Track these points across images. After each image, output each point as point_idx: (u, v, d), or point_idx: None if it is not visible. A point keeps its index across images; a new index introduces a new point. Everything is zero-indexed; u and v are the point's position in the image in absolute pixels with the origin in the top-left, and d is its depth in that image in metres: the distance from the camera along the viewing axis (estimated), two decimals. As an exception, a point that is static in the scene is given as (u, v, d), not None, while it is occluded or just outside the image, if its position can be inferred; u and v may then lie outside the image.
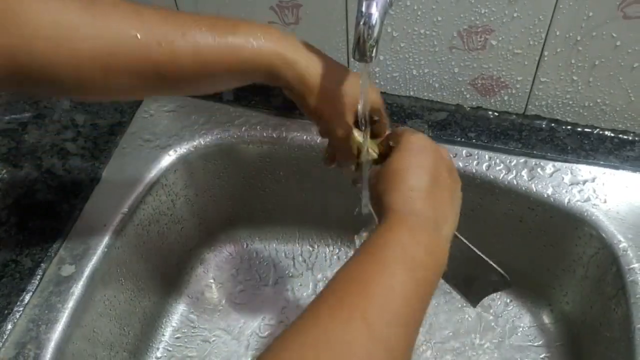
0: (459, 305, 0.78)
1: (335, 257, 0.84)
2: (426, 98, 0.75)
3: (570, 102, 0.69)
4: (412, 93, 0.75)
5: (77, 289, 0.62)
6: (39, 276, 0.63)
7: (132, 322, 0.72)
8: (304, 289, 0.81)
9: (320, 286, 0.81)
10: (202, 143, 0.74)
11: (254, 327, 0.78)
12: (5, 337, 0.59)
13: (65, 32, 0.45)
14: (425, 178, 0.47)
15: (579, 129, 0.71)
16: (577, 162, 0.68)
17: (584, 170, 0.67)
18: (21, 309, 0.61)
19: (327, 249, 0.84)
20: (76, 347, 0.62)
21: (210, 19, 0.50)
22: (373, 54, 0.47)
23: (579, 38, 0.63)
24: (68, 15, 0.45)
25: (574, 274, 0.71)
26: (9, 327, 0.60)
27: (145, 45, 0.47)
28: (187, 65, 0.49)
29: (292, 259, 0.84)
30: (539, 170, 0.68)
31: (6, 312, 0.61)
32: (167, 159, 0.73)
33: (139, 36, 0.47)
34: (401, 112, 0.74)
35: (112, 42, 0.46)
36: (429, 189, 0.46)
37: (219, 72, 0.50)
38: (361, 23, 0.46)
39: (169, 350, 0.77)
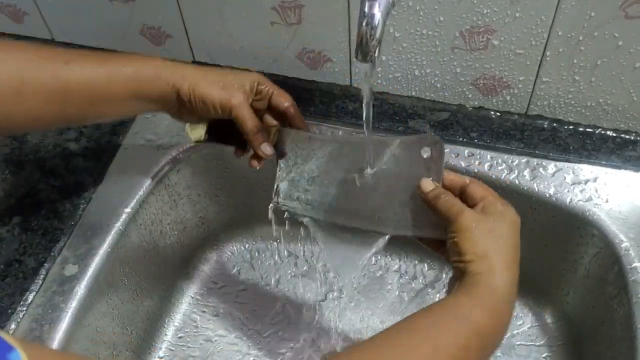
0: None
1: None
2: (428, 98, 0.75)
3: (573, 102, 0.69)
4: (414, 93, 0.75)
5: (80, 288, 0.63)
6: (42, 276, 0.63)
7: (135, 321, 0.72)
8: (306, 289, 0.81)
9: (325, 285, 0.81)
10: (204, 143, 0.74)
11: (257, 327, 0.78)
12: (8, 337, 0.59)
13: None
14: (517, 261, 0.52)
15: (581, 129, 0.71)
16: (579, 162, 0.68)
17: (586, 170, 0.67)
18: (24, 308, 0.61)
19: (329, 249, 0.85)
20: (79, 347, 0.62)
21: (100, 51, 0.61)
22: (376, 55, 0.47)
23: (581, 38, 0.63)
24: None
25: (575, 273, 0.71)
26: (13, 326, 0.60)
27: (55, 65, 0.54)
28: (90, 81, 0.56)
29: (295, 258, 0.84)
30: (541, 170, 0.68)
31: (10, 311, 0.61)
32: (169, 159, 0.73)
33: (48, 57, 0.55)
34: (403, 112, 0.75)
35: (24, 64, 0.53)
36: (515, 271, 0.51)
37: (115, 87, 0.57)
38: (364, 24, 0.47)
39: (172, 350, 0.77)
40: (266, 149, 0.61)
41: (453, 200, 0.52)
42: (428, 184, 0.55)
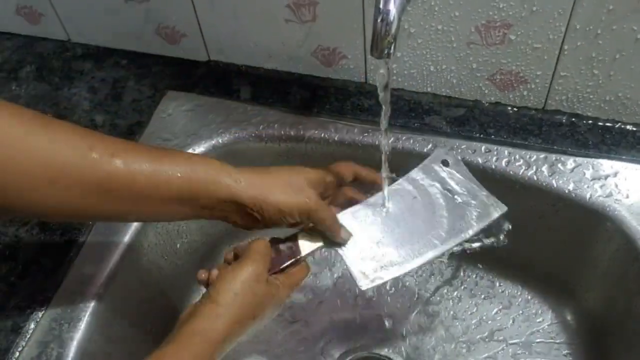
0: (481, 302, 0.77)
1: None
2: (444, 94, 0.74)
3: (591, 96, 0.68)
4: (429, 89, 0.74)
5: (99, 288, 0.63)
6: (60, 276, 0.64)
7: (153, 320, 0.73)
8: (317, 289, 0.81)
9: (339, 283, 0.81)
10: (220, 142, 0.74)
11: (272, 325, 0.78)
12: (28, 336, 0.60)
13: (15, 141, 0.46)
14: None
15: (600, 124, 0.70)
16: (599, 157, 0.67)
17: (606, 165, 0.66)
18: (43, 308, 0.62)
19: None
20: (97, 346, 0.62)
21: (150, 145, 0.55)
22: (391, 51, 0.47)
23: (599, 31, 0.62)
24: (19, 125, 0.46)
25: (595, 270, 0.70)
26: (32, 326, 0.61)
27: (98, 157, 0.49)
28: (135, 180, 0.50)
29: (312, 257, 0.84)
30: (559, 165, 0.67)
31: (29, 311, 0.62)
32: (186, 158, 0.73)
33: (92, 147, 0.49)
34: (419, 108, 0.74)
35: (64, 152, 0.48)
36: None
37: (165, 188, 0.51)
38: (379, 20, 0.46)
39: (189, 349, 0.77)
40: (346, 234, 0.59)
41: None
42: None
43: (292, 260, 0.57)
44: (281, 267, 0.57)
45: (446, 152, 0.66)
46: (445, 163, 0.64)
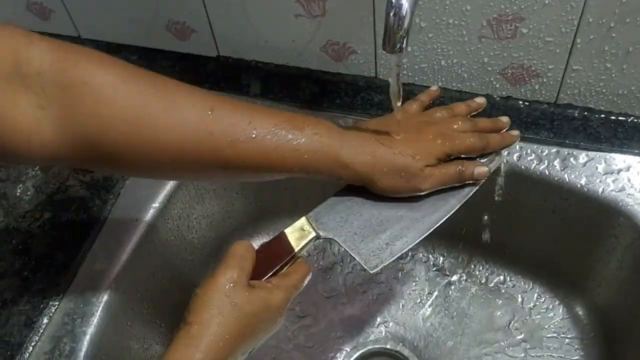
0: (492, 297, 0.77)
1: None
2: (455, 89, 0.74)
3: (604, 90, 0.68)
4: (440, 84, 0.74)
5: (111, 282, 0.63)
6: (73, 271, 0.64)
7: (164, 314, 0.73)
8: (332, 281, 0.81)
9: (349, 278, 0.81)
10: (231, 137, 0.74)
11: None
12: (41, 331, 0.60)
13: (144, 119, 0.46)
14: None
15: (613, 117, 0.70)
16: (611, 151, 0.67)
17: (618, 159, 0.66)
18: (56, 303, 0.62)
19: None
20: (110, 340, 0.63)
21: (277, 116, 0.51)
22: (403, 45, 0.47)
23: (612, 24, 0.61)
24: (143, 101, 0.46)
25: (608, 264, 0.70)
26: (45, 321, 0.61)
27: (217, 144, 0.48)
28: (252, 164, 0.50)
29: (322, 251, 0.84)
30: (571, 159, 0.66)
31: (42, 306, 0.62)
32: (196, 153, 0.73)
33: (213, 134, 0.48)
34: (429, 103, 0.74)
35: (187, 136, 0.47)
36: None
37: (281, 171, 0.52)
38: (391, 14, 0.46)
39: (201, 343, 0.78)
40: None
41: None
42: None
43: (286, 259, 0.53)
44: (275, 270, 0.52)
45: None
46: None
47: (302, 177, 0.54)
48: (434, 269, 0.80)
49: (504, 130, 0.62)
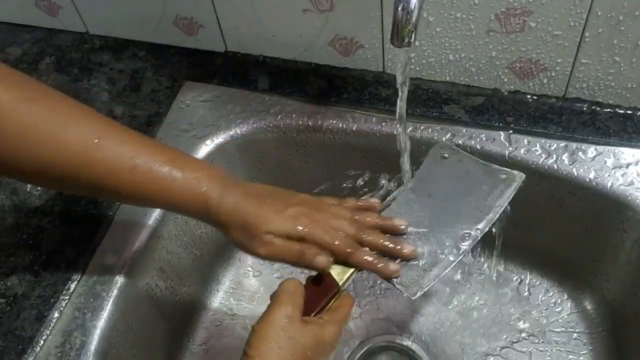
0: (500, 292, 0.77)
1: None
2: (463, 83, 0.74)
3: (612, 84, 0.68)
4: (448, 78, 0.74)
5: (120, 277, 0.64)
6: (83, 265, 0.65)
7: (173, 310, 0.73)
8: (341, 276, 0.81)
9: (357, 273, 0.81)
10: (239, 132, 0.74)
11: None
12: (52, 325, 0.61)
13: (32, 138, 0.50)
14: None
15: (622, 111, 0.69)
16: (620, 145, 0.66)
17: (627, 154, 0.66)
18: (67, 297, 0.63)
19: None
20: (120, 335, 0.63)
21: (160, 153, 0.54)
22: (412, 39, 0.47)
23: (621, 18, 0.61)
24: (36, 122, 0.51)
25: (616, 259, 0.69)
26: (56, 315, 0.62)
27: (97, 173, 0.52)
28: (127, 194, 0.54)
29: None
30: (580, 154, 0.66)
31: (52, 300, 0.63)
32: (204, 148, 0.73)
33: (94, 163, 0.52)
34: (437, 97, 0.74)
35: (69, 162, 0.52)
36: None
37: (155, 204, 0.58)
38: (399, 8, 0.46)
39: (210, 337, 0.78)
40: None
41: None
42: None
43: (331, 294, 0.53)
44: (322, 305, 0.53)
45: (441, 146, 0.65)
46: (444, 158, 0.63)
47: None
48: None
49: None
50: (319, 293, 0.53)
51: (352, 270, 0.55)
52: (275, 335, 0.48)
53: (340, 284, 0.54)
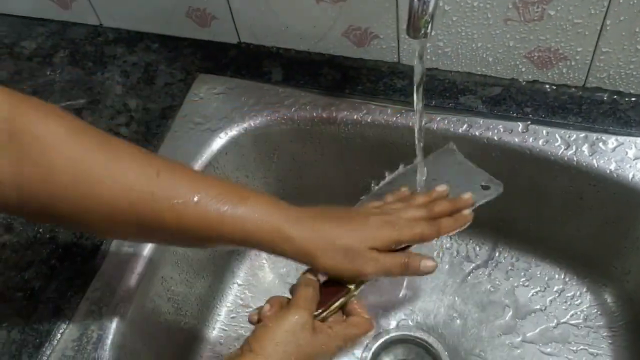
0: (517, 284, 0.76)
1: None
2: (479, 73, 0.73)
3: (634, 73, 0.66)
4: (464, 68, 0.73)
5: (136, 271, 0.64)
6: (99, 259, 0.65)
7: (189, 303, 0.74)
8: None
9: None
10: (252, 125, 0.74)
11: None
12: (69, 319, 0.61)
13: (85, 172, 0.46)
14: None
15: (643, 101, 0.68)
16: (642, 136, 0.65)
17: (649, 144, 0.64)
18: (83, 291, 0.63)
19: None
20: (136, 329, 0.63)
21: (221, 185, 0.51)
22: (428, 30, 0.46)
23: (643, 5, 0.60)
24: (86, 154, 0.47)
25: (637, 251, 0.68)
26: (72, 309, 0.62)
27: (158, 205, 0.48)
28: (192, 230, 0.50)
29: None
30: (600, 144, 0.65)
31: (69, 294, 0.63)
32: (218, 141, 0.73)
33: (154, 194, 0.48)
34: (453, 88, 0.73)
35: (127, 193, 0.48)
36: None
37: (220, 239, 0.51)
38: (415, -1, 0.45)
39: (225, 330, 0.78)
40: (428, 266, 0.55)
41: None
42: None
43: (340, 295, 0.53)
44: (329, 305, 0.52)
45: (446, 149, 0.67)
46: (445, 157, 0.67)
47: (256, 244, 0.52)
48: (458, 255, 0.79)
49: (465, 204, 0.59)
50: (328, 293, 0.52)
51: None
52: (284, 339, 0.48)
53: (350, 286, 0.53)
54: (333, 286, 0.53)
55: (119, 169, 0.48)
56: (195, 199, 0.49)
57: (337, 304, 0.53)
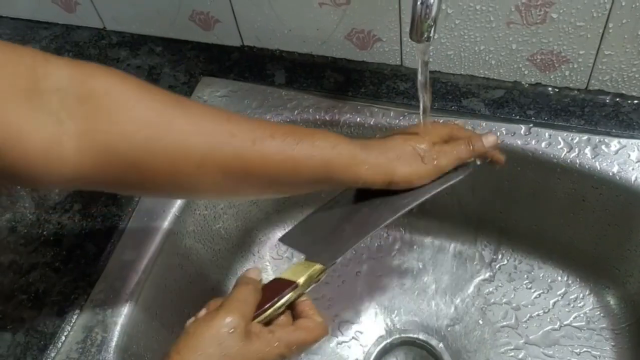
0: (520, 287, 0.76)
1: (384, 234, 0.83)
2: (482, 76, 0.73)
3: (637, 75, 0.66)
4: (467, 71, 0.73)
5: (140, 273, 0.64)
6: (103, 261, 0.65)
7: (193, 304, 0.73)
8: (358, 266, 0.81)
9: (374, 264, 0.81)
10: (256, 127, 0.74)
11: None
12: (73, 321, 0.61)
13: (165, 123, 0.46)
14: None
15: (646, 104, 0.68)
16: (644, 138, 0.65)
17: (652, 147, 0.64)
18: (88, 293, 0.63)
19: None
20: (140, 330, 0.63)
21: (283, 125, 0.53)
22: (431, 34, 0.46)
23: (646, 8, 0.60)
24: (164, 107, 0.47)
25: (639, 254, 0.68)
26: (77, 311, 0.62)
27: (241, 144, 0.48)
28: (276, 166, 0.50)
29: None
30: (603, 147, 0.65)
31: (73, 296, 0.63)
32: (222, 144, 0.73)
33: (235, 135, 0.48)
34: (456, 91, 0.73)
35: (209, 138, 0.47)
36: None
37: (301, 175, 0.51)
38: (418, 2, 0.45)
39: (228, 332, 0.78)
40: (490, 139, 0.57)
41: None
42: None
43: (286, 292, 0.48)
44: (271, 304, 0.48)
45: None
46: None
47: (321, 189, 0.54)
48: (461, 257, 0.80)
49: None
50: (273, 291, 0.48)
51: (315, 267, 0.51)
52: (207, 348, 0.44)
53: (297, 280, 0.49)
54: (280, 283, 0.49)
55: (194, 117, 0.47)
56: (271, 134, 0.49)
57: (280, 302, 0.48)
